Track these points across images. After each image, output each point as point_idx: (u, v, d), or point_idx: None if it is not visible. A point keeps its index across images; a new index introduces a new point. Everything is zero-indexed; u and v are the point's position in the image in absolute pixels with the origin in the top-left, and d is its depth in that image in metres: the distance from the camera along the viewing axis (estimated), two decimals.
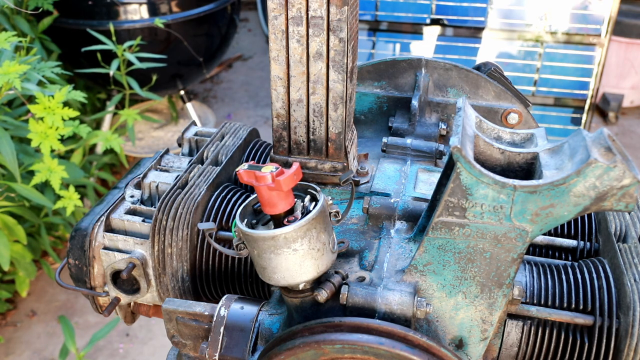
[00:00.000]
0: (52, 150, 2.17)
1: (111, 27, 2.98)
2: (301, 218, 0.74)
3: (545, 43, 3.39)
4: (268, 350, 0.79)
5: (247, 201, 0.82)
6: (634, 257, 0.87)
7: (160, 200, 0.98)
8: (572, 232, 1.03)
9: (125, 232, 1.01)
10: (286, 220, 0.76)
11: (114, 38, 2.92)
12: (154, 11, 3.28)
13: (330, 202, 0.80)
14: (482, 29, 3.41)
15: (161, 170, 1.10)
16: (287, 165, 0.96)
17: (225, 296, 0.89)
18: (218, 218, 1.01)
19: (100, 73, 2.94)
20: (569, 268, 0.91)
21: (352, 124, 1.04)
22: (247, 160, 1.15)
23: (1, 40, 1.92)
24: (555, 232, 1.03)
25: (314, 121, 0.98)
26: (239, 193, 1.05)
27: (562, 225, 1.03)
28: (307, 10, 0.88)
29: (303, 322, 0.77)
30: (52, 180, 2.09)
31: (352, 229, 0.96)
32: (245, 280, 1.02)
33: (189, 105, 3.95)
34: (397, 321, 0.78)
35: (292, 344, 0.76)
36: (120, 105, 3.26)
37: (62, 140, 2.11)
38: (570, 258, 1.00)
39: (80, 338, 2.73)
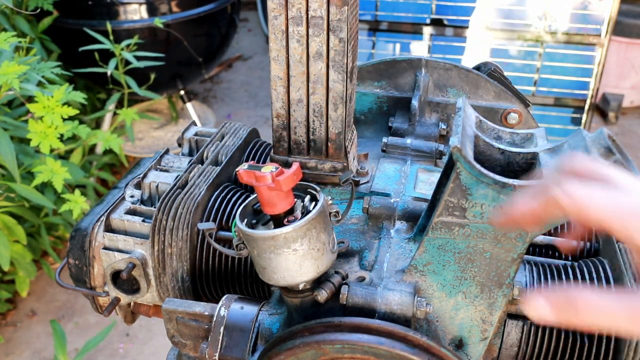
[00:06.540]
0: (52, 150, 2.17)
1: (108, 27, 2.97)
2: (301, 218, 0.74)
3: (545, 43, 3.39)
4: (268, 350, 0.79)
5: (247, 201, 0.82)
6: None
7: (160, 200, 0.98)
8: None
9: (125, 232, 1.01)
10: (286, 220, 0.76)
11: (111, 37, 2.91)
12: (153, 11, 3.28)
13: (330, 202, 0.80)
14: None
15: (161, 170, 1.10)
16: (287, 165, 0.96)
17: (225, 296, 0.89)
18: (218, 218, 1.01)
19: (100, 73, 2.94)
20: (569, 268, 0.91)
21: (352, 124, 1.04)
22: (247, 160, 1.15)
23: (1, 40, 1.91)
24: (555, 232, 1.03)
25: (314, 121, 0.98)
26: (239, 193, 1.05)
27: (562, 225, 1.03)
28: (307, 10, 0.88)
29: (303, 322, 0.77)
30: (54, 182, 2.09)
31: (352, 229, 0.96)
32: (245, 280, 1.02)
33: (189, 105, 3.95)
34: (397, 321, 0.78)
35: (292, 344, 0.76)
36: (121, 105, 3.26)
37: (62, 140, 2.11)
38: (570, 258, 1.00)
39: (81, 338, 2.73)
